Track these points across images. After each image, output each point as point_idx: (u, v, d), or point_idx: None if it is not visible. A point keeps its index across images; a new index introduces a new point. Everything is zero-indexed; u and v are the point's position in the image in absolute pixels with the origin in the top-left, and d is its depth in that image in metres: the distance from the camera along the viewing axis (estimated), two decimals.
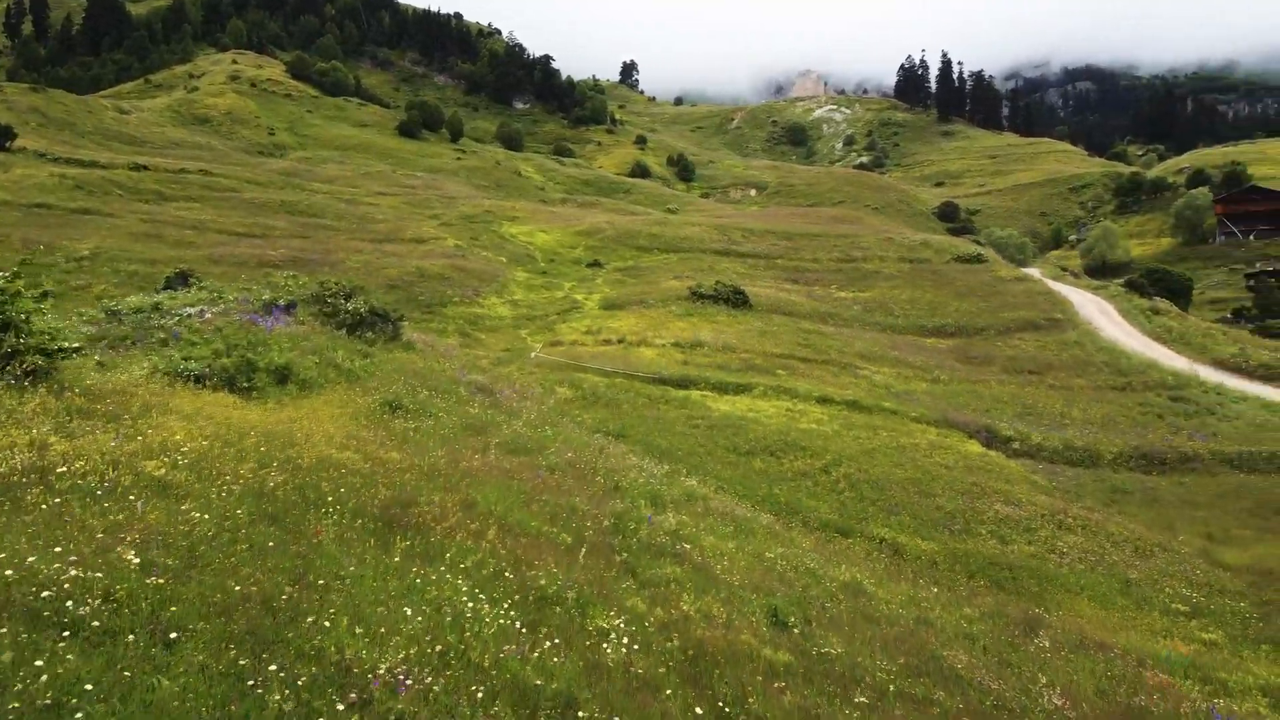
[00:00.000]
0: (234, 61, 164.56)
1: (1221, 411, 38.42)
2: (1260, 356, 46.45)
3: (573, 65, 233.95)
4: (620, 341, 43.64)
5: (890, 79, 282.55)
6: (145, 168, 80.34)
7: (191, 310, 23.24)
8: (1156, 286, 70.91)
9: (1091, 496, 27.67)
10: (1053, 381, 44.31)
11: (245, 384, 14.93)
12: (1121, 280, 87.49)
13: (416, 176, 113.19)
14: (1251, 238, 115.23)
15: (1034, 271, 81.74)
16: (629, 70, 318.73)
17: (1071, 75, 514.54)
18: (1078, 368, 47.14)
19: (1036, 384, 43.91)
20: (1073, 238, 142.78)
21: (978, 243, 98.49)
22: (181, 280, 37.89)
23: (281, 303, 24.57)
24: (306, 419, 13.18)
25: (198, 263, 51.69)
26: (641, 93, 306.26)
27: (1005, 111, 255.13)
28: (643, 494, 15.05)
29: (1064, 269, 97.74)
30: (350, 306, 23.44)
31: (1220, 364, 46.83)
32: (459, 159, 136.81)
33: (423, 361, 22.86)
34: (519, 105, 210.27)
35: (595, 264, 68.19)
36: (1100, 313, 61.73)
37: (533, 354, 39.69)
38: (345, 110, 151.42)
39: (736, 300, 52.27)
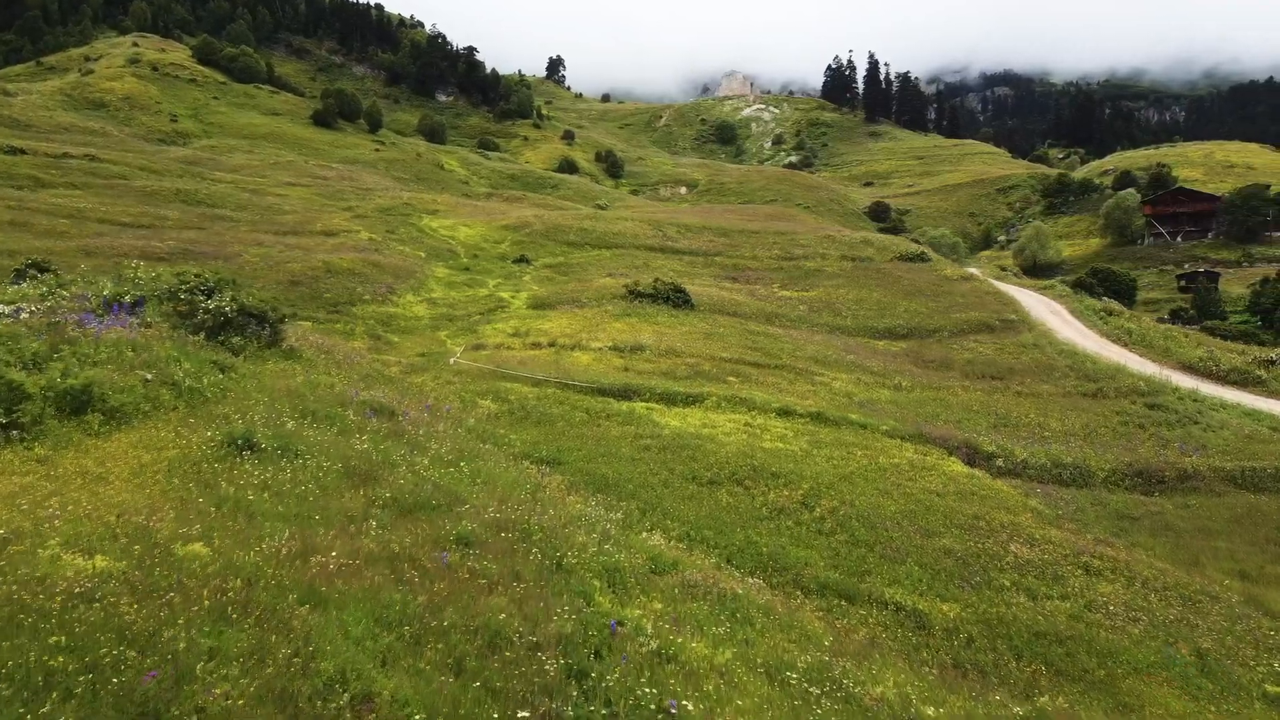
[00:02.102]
0: (135, 44, 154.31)
1: (1205, 421, 35.54)
2: (1230, 360, 44.02)
3: (498, 60, 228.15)
4: (551, 345, 39.00)
5: (815, 81, 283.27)
6: (22, 151, 72.65)
7: (4, 308, 18.03)
8: (1103, 286, 68.99)
9: (1098, 525, 24.10)
10: (1019, 388, 41.11)
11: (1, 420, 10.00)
12: (1058, 280, 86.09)
13: (331, 167, 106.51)
14: (1179, 239, 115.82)
15: (975, 271, 79.44)
16: (556, 66, 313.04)
17: (990, 81, 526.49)
18: (1041, 372, 44.12)
19: (1003, 391, 40.65)
20: (1002, 238, 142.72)
21: (916, 241, 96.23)
22: (27, 274, 32.17)
23: (127, 299, 19.44)
24: (72, 481, 8.35)
25: (67, 255, 45.36)
26: (568, 89, 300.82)
27: (930, 114, 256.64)
28: (597, 571, 10.60)
29: (1003, 269, 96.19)
30: (211, 304, 18.42)
31: (1188, 368, 44.29)
32: (377, 150, 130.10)
33: (305, 374, 17.97)
34: (442, 98, 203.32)
35: (522, 260, 63.34)
36: (1051, 313, 59.27)
37: (452, 359, 34.76)
38: (255, 98, 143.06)
39: (678, 300, 48.07)
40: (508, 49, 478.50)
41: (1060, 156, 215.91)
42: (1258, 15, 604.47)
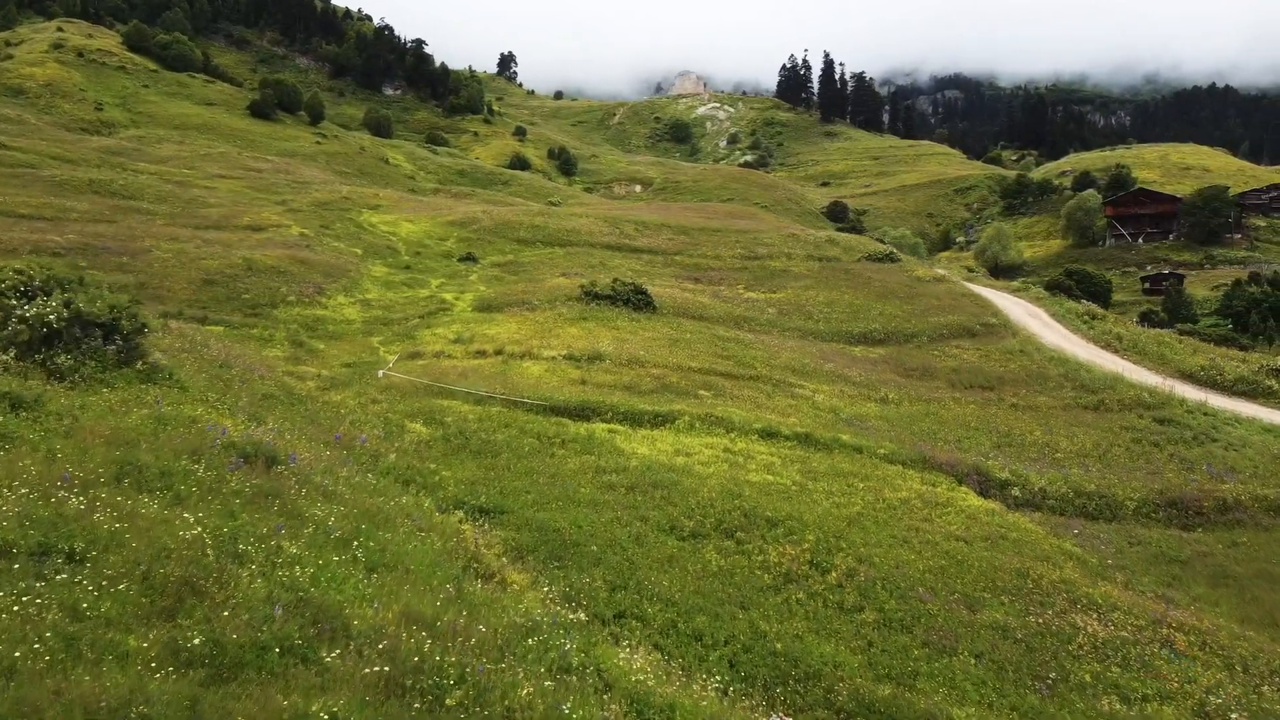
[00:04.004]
0: (60, 29, 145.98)
1: (1223, 438, 32.18)
2: (1234, 369, 40.90)
3: (448, 55, 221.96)
4: (498, 353, 34.49)
5: (767, 82, 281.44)
6: None
7: None
8: (1080, 288, 66.18)
9: (1147, 573, 20.34)
10: (1013, 400, 37.52)
11: None
12: (1021, 281, 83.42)
13: (266, 160, 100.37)
14: (1140, 241, 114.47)
15: (944, 272, 76.31)
16: (507, 62, 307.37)
17: (940, 84, 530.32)
18: (1033, 382, 40.63)
19: (997, 403, 37.02)
20: (961, 239, 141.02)
21: (881, 241, 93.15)
22: None
23: None
24: None
25: None
26: (520, 85, 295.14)
27: (885, 115, 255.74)
28: None
29: (970, 270, 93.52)
30: (30, 311, 13.71)
31: (1189, 377, 41.09)
32: (319, 143, 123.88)
33: (153, 405, 13.35)
34: (389, 91, 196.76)
35: (469, 258, 58.60)
36: (1030, 316, 56.07)
37: (381, 372, 30.03)
38: (189, 87, 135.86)
39: (638, 302, 43.80)
40: (458, 45, 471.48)
41: (1014, 158, 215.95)
42: (1196, 23, 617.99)
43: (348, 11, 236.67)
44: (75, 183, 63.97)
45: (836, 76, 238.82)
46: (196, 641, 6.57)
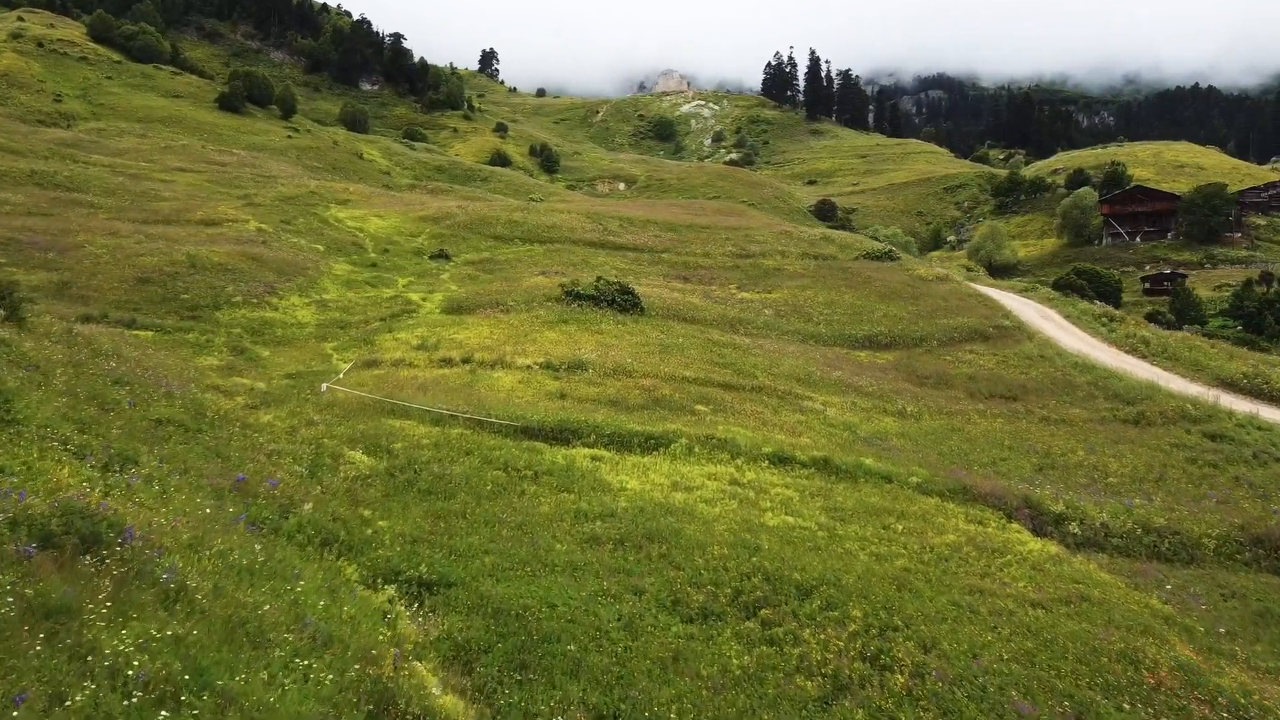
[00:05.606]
0: (20, 19, 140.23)
1: None
2: None
3: (428, 51, 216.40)
4: (466, 361, 30.29)
5: (751, 82, 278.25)
6: None
7: None
8: (1092, 288, 62.56)
9: (1255, 637, 16.43)
10: (1043, 413, 33.67)
11: None
12: (1018, 280, 79.99)
13: (232, 153, 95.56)
14: (1138, 239, 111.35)
15: (946, 271, 72.63)
16: (489, 59, 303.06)
17: (924, 84, 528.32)
18: (1060, 392, 36.81)
19: (1025, 416, 33.18)
20: (952, 239, 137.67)
21: (875, 239, 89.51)
22: None
23: None
24: None
25: None
26: (502, 83, 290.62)
27: (871, 114, 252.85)
28: None
29: (969, 269, 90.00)
30: None
31: (1231, 386, 37.39)
32: (290, 137, 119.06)
33: None
34: (366, 86, 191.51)
35: (441, 255, 54.32)
36: (1043, 318, 52.36)
37: (325, 386, 25.70)
38: (154, 78, 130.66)
39: (624, 303, 39.70)
40: (439, 41, 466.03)
41: (1001, 157, 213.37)
42: (1176, 23, 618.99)
43: (324, 5, 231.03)
44: (14, 174, 59.23)
45: (822, 74, 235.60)
46: None
